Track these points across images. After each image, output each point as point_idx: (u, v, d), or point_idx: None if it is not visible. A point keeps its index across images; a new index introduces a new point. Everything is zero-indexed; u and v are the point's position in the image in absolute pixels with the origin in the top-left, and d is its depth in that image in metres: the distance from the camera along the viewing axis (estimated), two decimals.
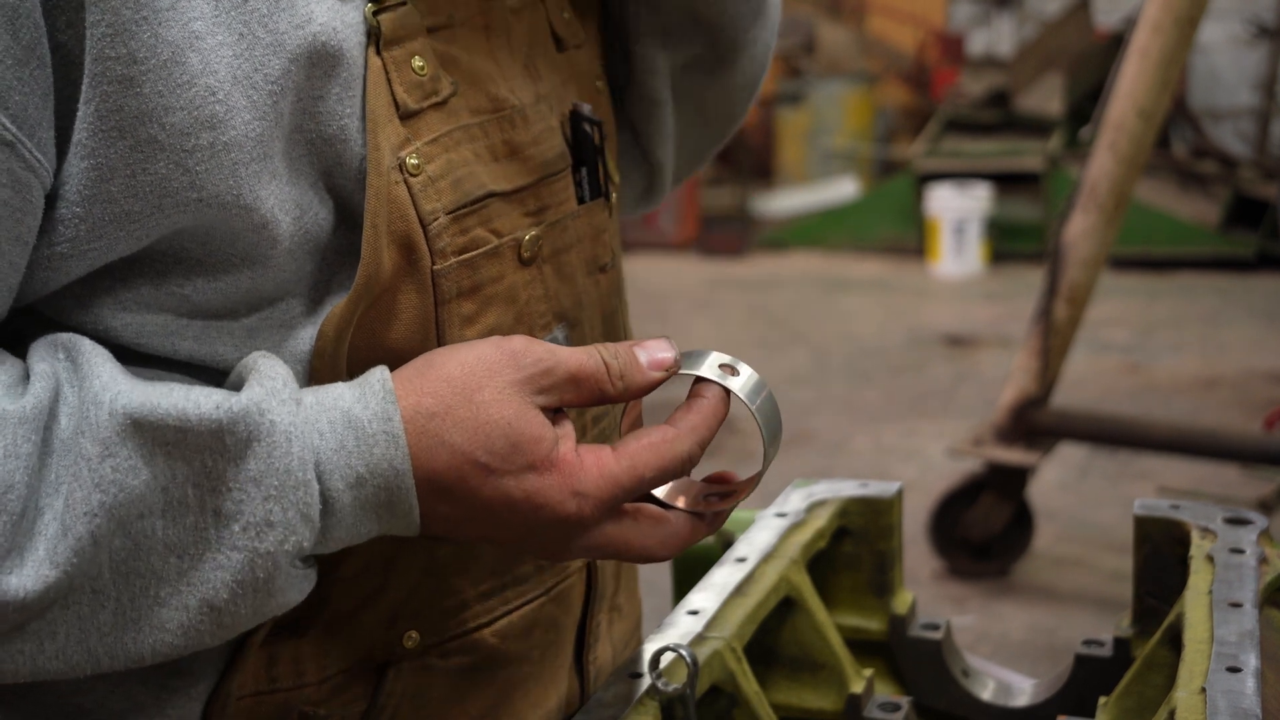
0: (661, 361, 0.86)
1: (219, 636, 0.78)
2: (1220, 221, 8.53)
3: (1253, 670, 0.91)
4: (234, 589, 0.76)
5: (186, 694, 0.86)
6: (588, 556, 0.85)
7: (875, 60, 11.77)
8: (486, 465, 0.80)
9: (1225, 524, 1.15)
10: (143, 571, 0.75)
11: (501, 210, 0.91)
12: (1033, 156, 8.93)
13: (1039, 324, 4.04)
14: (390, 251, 0.84)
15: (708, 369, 0.87)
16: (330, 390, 0.81)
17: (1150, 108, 3.82)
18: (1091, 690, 1.16)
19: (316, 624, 0.89)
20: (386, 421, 0.79)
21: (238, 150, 0.77)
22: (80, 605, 0.74)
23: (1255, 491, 4.26)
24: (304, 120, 0.81)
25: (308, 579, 0.81)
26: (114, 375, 0.75)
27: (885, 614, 1.31)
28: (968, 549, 4.29)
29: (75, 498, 0.72)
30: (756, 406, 0.87)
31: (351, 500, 0.79)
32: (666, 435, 0.83)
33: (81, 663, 0.75)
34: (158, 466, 0.74)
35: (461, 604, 0.95)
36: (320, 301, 0.85)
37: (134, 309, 0.80)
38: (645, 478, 0.82)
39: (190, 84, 0.74)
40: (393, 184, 0.84)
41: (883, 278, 8.95)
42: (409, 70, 0.85)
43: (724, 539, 1.39)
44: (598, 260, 1.02)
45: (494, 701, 0.99)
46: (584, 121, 1.00)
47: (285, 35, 0.78)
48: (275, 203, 0.80)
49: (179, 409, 0.74)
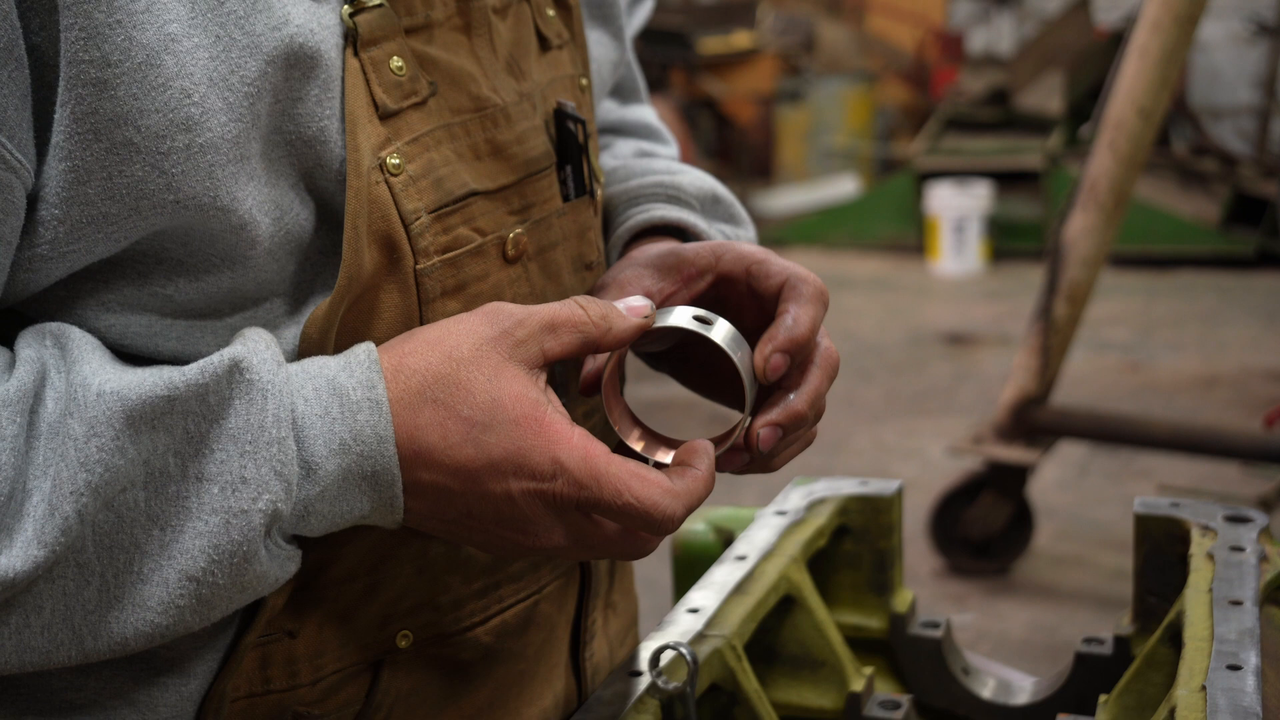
0: (639, 309, 0.87)
1: (201, 614, 0.78)
2: (1220, 220, 8.54)
3: (1253, 668, 0.91)
4: (210, 555, 0.76)
5: (179, 691, 0.86)
6: (571, 550, 0.84)
7: (875, 59, 11.77)
8: (469, 419, 0.80)
9: (1225, 522, 1.15)
10: (126, 545, 0.75)
11: (485, 209, 0.91)
12: (1033, 155, 8.93)
13: (1039, 322, 4.04)
14: (371, 251, 0.84)
15: (684, 319, 0.88)
16: (316, 360, 0.81)
17: (1150, 106, 3.82)
18: (1092, 688, 1.16)
19: (310, 625, 0.89)
20: (371, 389, 0.79)
21: (214, 152, 0.77)
22: (66, 580, 0.74)
23: (1255, 489, 4.26)
24: (283, 122, 0.81)
25: (291, 559, 0.81)
26: (103, 361, 0.76)
27: (885, 612, 1.31)
28: (968, 547, 4.29)
29: (62, 478, 0.72)
30: (738, 358, 0.88)
31: (335, 468, 0.78)
32: (663, 484, 0.82)
33: (66, 641, 0.75)
34: (142, 442, 0.74)
35: (455, 602, 0.95)
36: (303, 301, 0.85)
37: (117, 310, 0.80)
38: (620, 502, 0.81)
39: (166, 86, 0.74)
40: (373, 184, 0.84)
41: (883, 276, 8.95)
42: (387, 71, 0.85)
43: (724, 537, 1.39)
44: (584, 258, 1.02)
45: (489, 700, 0.99)
46: (568, 119, 1.00)
47: (262, 37, 0.78)
48: (254, 204, 0.80)
49: (166, 380, 0.75)
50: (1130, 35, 3.91)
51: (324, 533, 0.82)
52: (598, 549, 0.84)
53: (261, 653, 0.88)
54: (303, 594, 0.88)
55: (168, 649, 0.85)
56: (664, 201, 1.08)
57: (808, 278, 0.93)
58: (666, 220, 1.05)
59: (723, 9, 12.00)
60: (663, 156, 1.23)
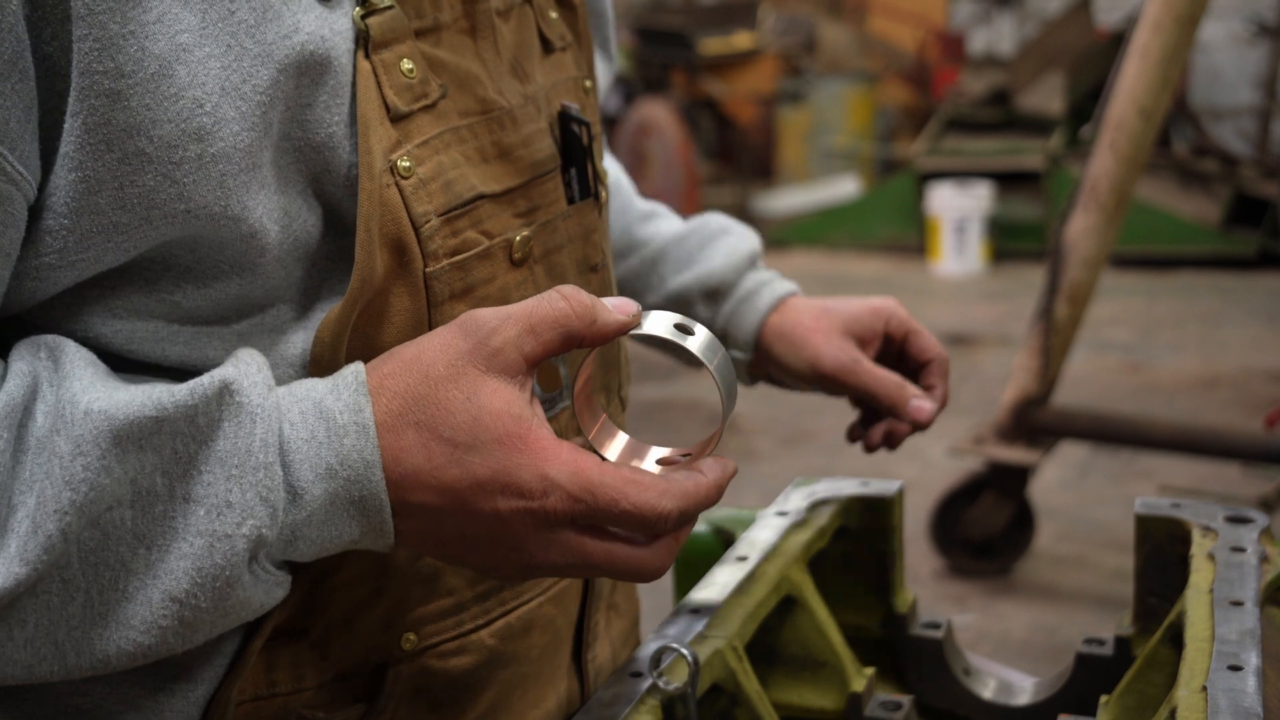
0: (625, 307, 0.83)
1: (183, 636, 0.77)
2: (1221, 220, 8.53)
3: (1254, 669, 0.91)
4: (193, 577, 0.75)
5: (185, 697, 0.86)
6: (568, 568, 0.81)
7: (876, 59, 11.77)
8: (451, 440, 0.78)
9: (1226, 522, 1.15)
10: (111, 563, 0.74)
11: (492, 211, 0.91)
12: (1033, 155, 8.93)
13: (1040, 323, 4.03)
14: (383, 254, 0.84)
15: (663, 329, 0.84)
16: (304, 383, 0.80)
17: (1151, 106, 3.82)
18: (1093, 689, 1.16)
19: (315, 628, 0.89)
20: (358, 413, 0.78)
21: (226, 161, 0.76)
22: (50, 595, 0.73)
23: (1256, 490, 4.26)
24: (292, 128, 0.81)
25: (279, 585, 0.80)
26: (94, 378, 0.75)
27: (886, 613, 1.31)
28: (969, 548, 4.29)
29: (46, 495, 0.71)
30: (715, 365, 0.84)
31: (322, 493, 0.77)
32: (658, 485, 0.79)
33: (49, 656, 0.74)
34: (129, 462, 0.74)
35: (458, 605, 0.95)
36: (310, 306, 0.85)
37: (124, 316, 0.80)
38: (618, 510, 0.78)
39: (178, 96, 0.74)
40: (384, 187, 0.84)
41: (884, 277, 8.95)
42: (398, 73, 0.85)
43: (725, 538, 1.39)
44: (589, 260, 1.02)
45: (493, 702, 0.99)
46: (572, 122, 1.00)
47: (273, 45, 0.78)
48: (263, 212, 0.79)
49: (155, 400, 0.74)
50: (1131, 36, 3.91)
51: (314, 558, 0.80)
52: (598, 567, 0.82)
53: (267, 656, 0.88)
54: (309, 598, 0.88)
55: (175, 655, 0.85)
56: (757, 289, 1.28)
57: (945, 360, 1.29)
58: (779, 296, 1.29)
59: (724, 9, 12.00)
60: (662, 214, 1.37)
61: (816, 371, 1.24)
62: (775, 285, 1.27)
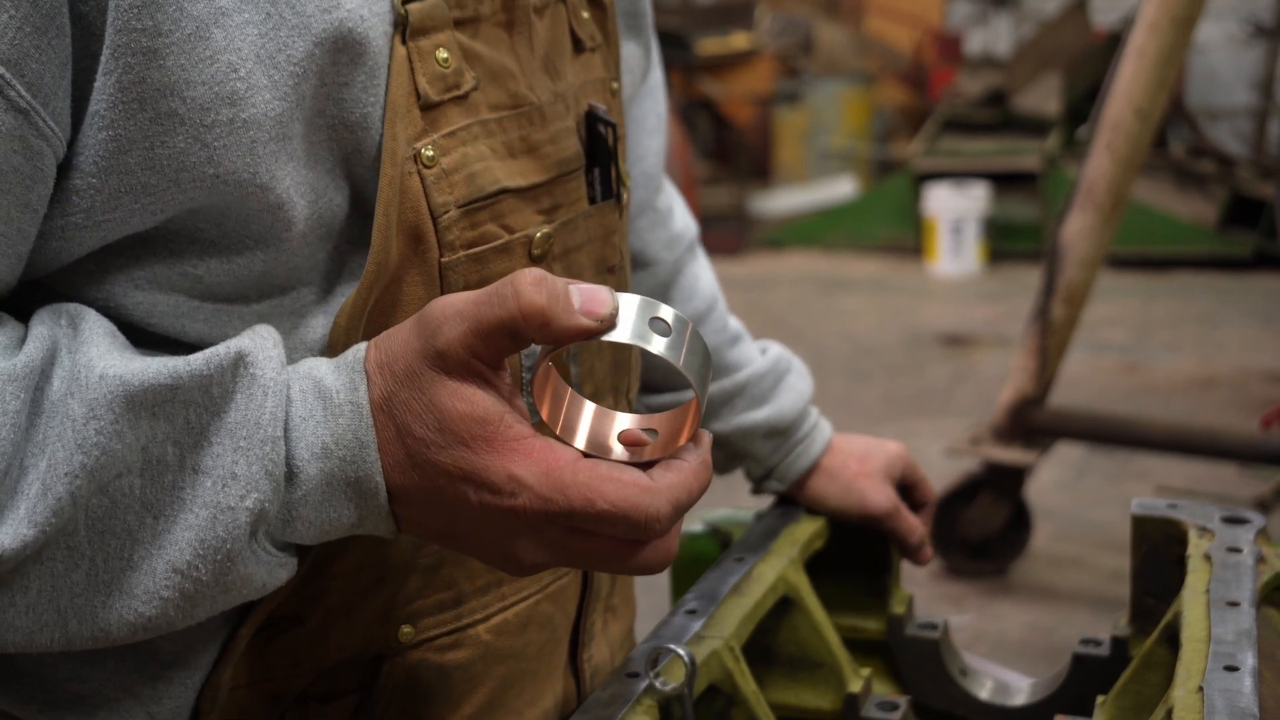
0: (594, 309, 0.75)
1: (185, 610, 0.76)
2: (1218, 221, 8.54)
3: (1250, 669, 0.91)
4: (195, 548, 0.75)
5: (183, 684, 0.86)
6: (556, 562, 0.79)
7: (873, 60, 11.78)
8: (423, 439, 0.76)
9: (1223, 523, 1.15)
10: (118, 530, 0.74)
11: (514, 206, 0.91)
12: (1030, 156, 8.93)
13: (1036, 323, 4.04)
14: (399, 241, 0.84)
15: (635, 336, 0.76)
16: (309, 361, 0.80)
17: (1148, 107, 3.83)
18: (1089, 689, 1.16)
19: (313, 617, 0.89)
20: (353, 391, 0.77)
21: (256, 128, 0.77)
22: (55, 561, 0.73)
23: (1253, 491, 4.26)
24: (327, 105, 0.81)
25: (283, 566, 0.79)
26: (111, 345, 0.75)
27: (883, 613, 1.31)
28: (965, 548, 4.29)
29: (58, 458, 0.71)
30: (683, 363, 0.76)
31: (318, 472, 0.77)
32: (639, 482, 0.75)
33: (50, 623, 0.74)
34: (141, 429, 0.74)
35: (457, 599, 0.95)
36: (331, 290, 0.85)
37: (146, 288, 0.80)
38: (595, 510, 0.74)
39: (213, 59, 0.75)
40: (406, 174, 0.84)
41: (880, 277, 8.96)
42: (433, 62, 0.86)
43: (722, 538, 1.39)
44: (606, 260, 1.02)
45: (489, 698, 0.99)
46: (599, 122, 1.00)
47: (311, 18, 0.78)
48: (291, 184, 0.80)
49: (171, 368, 0.74)
50: (1128, 36, 3.91)
51: (315, 541, 0.80)
52: (591, 562, 0.79)
53: (264, 642, 0.88)
54: (308, 585, 0.88)
55: (172, 642, 0.85)
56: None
57: (936, 503, 1.41)
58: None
59: (721, 10, 12.00)
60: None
61: (864, 512, 1.32)
62: (822, 426, 1.36)
